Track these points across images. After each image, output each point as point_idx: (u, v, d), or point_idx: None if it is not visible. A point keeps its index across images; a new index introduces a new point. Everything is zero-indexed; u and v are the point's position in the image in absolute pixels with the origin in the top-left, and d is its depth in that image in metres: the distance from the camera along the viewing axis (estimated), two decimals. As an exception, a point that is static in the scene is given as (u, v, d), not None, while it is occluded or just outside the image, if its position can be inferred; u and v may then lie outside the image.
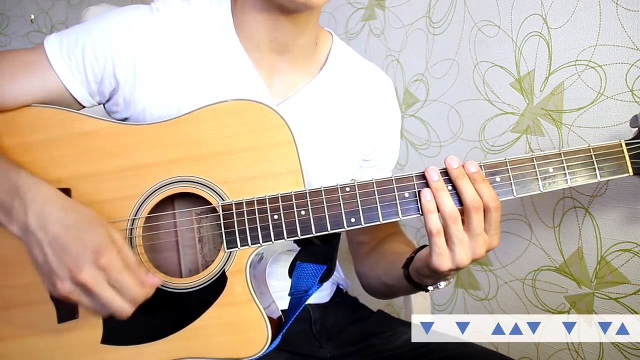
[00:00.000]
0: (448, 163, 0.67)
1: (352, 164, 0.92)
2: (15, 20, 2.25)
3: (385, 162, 0.98)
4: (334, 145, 0.88)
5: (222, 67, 0.80)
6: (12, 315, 0.70)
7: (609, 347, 0.95)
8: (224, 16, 0.81)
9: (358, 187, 0.69)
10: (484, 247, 0.67)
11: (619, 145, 0.69)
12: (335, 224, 0.69)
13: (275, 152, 0.71)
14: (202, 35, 0.80)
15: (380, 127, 0.93)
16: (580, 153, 0.68)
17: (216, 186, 0.71)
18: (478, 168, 0.67)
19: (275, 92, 0.83)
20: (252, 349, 0.68)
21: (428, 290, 0.78)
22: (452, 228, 0.66)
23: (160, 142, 0.72)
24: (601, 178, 0.68)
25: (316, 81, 0.86)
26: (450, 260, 0.67)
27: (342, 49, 0.91)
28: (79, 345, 0.69)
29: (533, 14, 1.02)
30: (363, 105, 0.90)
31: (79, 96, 0.78)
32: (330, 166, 0.88)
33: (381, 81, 0.95)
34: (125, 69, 0.77)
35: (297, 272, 0.75)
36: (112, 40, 0.76)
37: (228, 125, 0.72)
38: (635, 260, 0.90)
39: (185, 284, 0.70)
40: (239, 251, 0.70)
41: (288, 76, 0.84)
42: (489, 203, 0.66)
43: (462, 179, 0.67)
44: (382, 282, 0.90)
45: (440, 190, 0.67)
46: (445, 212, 0.66)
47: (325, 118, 0.87)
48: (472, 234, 0.66)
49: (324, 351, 0.87)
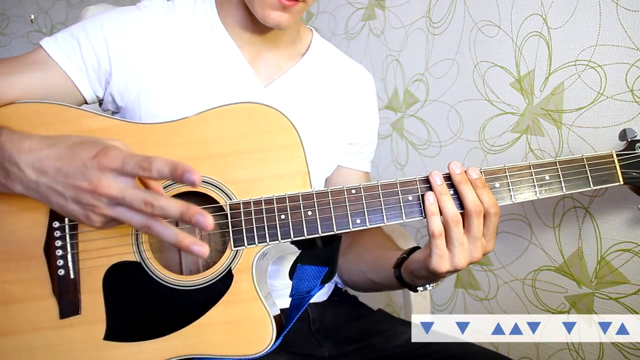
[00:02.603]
0: (451, 169, 0.70)
1: (338, 147, 0.95)
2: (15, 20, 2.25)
3: (369, 150, 1.02)
4: (321, 127, 0.91)
5: (209, 52, 0.85)
6: (13, 310, 0.70)
7: (609, 347, 0.95)
8: (209, 6, 0.88)
9: (364, 189, 0.71)
10: (481, 250, 0.70)
11: (611, 156, 0.74)
12: (342, 225, 0.70)
13: (282, 154, 0.72)
14: (188, 24, 0.85)
15: (361, 112, 0.98)
16: (574, 162, 0.73)
17: (224, 186, 0.71)
18: (480, 174, 0.70)
19: (261, 74, 0.87)
20: (257, 347, 0.69)
21: (417, 291, 0.80)
22: (454, 231, 0.68)
23: (168, 141, 0.73)
24: (594, 186, 0.73)
25: (301, 64, 0.91)
26: (449, 262, 0.69)
27: (323, 42, 0.98)
28: (81, 342, 0.69)
29: (533, 14, 1.02)
30: (345, 91, 0.95)
31: (79, 85, 0.79)
32: (318, 148, 0.90)
33: (362, 73, 1.01)
34: (119, 55, 0.80)
35: (298, 274, 0.75)
36: (104, 29, 0.80)
37: (236, 127, 0.73)
38: (635, 260, 0.90)
39: (191, 281, 0.70)
40: (245, 250, 0.70)
41: (272, 57, 0.89)
42: (489, 208, 0.69)
43: (465, 184, 0.69)
44: (368, 279, 0.91)
45: (443, 194, 0.69)
46: (448, 216, 0.68)
47: (311, 100, 0.91)
48: (471, 238, 0.69)
49: (322, 350, 0.87)
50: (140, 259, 0.70)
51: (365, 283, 0.93)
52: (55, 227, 0.70)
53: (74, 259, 0.70)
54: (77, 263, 0.70)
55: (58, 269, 0.70)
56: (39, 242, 0.70)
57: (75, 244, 0.71)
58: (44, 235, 0.70)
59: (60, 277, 0.70)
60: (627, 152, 0.74)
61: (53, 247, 0.70)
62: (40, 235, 0.70)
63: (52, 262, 0.70)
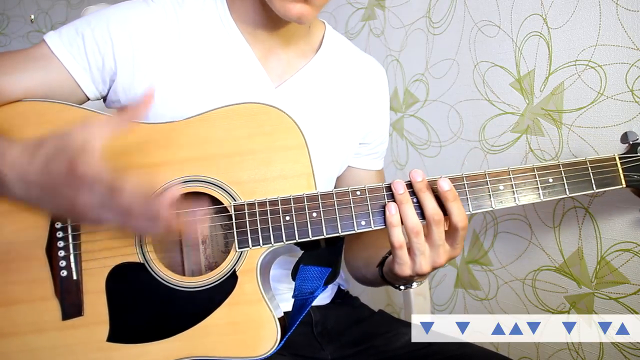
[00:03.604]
0: (412, 176, 0.69)
1: (349, 146, 0.94)
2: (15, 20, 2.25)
3: (381, 149, 1.01)
4: (332, 127, 0.89)
5: (219, 50, 0.82)
6: (15, 311, 0.69)
7: (609, 347, 0.95)
8: (219, 1, 0.84)
9: (368, 190, 0.70)
10: (445, 256, 0.69)
11: (614, 159, 0.74)
12: (346, 227, 0.70)
13: (287, 155, 0.72)
14: (198, 20, 0.82)
15: (374, 110, 0.96)
16: (577, 165, 0.73)
17: (228, 187, 0.71)
18: (450, 186, 0.68)
19: (272, 73, 0.85)
20: (262, 349, 0.68)
21: (401, 289, 0.80)
22: (414, 241, 0.68)
23: (172, 142, 0.72)
24: (597, 189, 0.73)
25: (313, 63, 0.88)
26: (411, 268, 0.69)
27: (335, 35, 0.94)
28: (84, 343, 0.68)
29: (533, 14, 1.02)
30: (358, 88, 0.93)
31: (82, 84, 0.78)
32: (330, 149, 0.89)
33: (375, 67, 0.98)
34: (124, 54, 0.78)
35: (301, 275, 0.75)
36: (110, 26, 0.78)
37: (240, 127, 0.72)
38: (635, 260, 0.90)
39: (195, 283, 0.70)
40: (250, 251, 0.70)
41: (283, 56, 0.86)
42: (458, 223, 0.67)
43: (424, 192, 0.68)
44: (362, 275, 0.92)
45: (404, 203, 0.68)
46: (408, 226, 0.68)
47: (323, 100, 0.88)
48: (433, 245, 0.68)
49: (325, 353, 0.87)
50: (144, 260, 0.70)
51: (362, 279, 0.94)
52: (58, 228, 0.70)
53: (76, 260, 0.70)
54: (80, 264, 0.70)
55: (60, 270, 0.70)
56: (40, 243, 0.70)
57: (77, 244, 0.70)
58: (46, 235, 0.70)
59: (62, 278, 0.69)
60: (629, 155, 0.74)
61: (55, 248, 0.70)
62: (41, 235, 0.70)
63: (54, 263, 0.70)
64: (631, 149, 0.76)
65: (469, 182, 0.71)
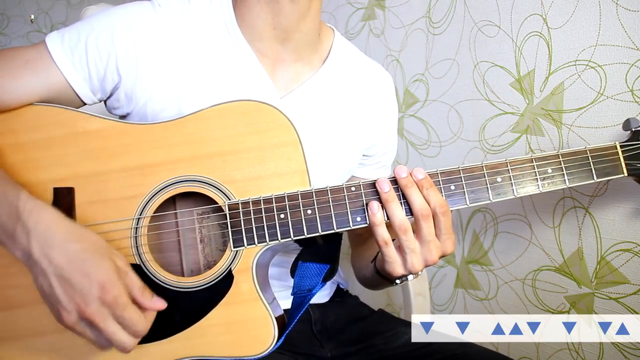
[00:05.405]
0: (397, 173, 0.68)
1: (353, 158, 0.93)
2: (15, 20, 2.25)
3: (386, 158, 0.99)
4: (336, 139, 0.88)
5: (224, 59, 0.81)
6: (15, 315, 0.70)
7: (609, 347, 0.95)
8: (226, 9, 0.82)
9: (363, 186, 0.70)
10: (437, 252, 0.68)
11: (614, 147, 0.72)
12: (342, 223, 0.69)
13: (281, 152, 0.71)
14: (204, 28, 0.80)
15: (379, 122, 0.94)
16: (577, 154, 0.71)
17: (222, 185, 0.71)
18: (425, 175, 0.68)
19: (279, 84, 0.83)
20: (259, 348, 0.68)
21: (397, 283, 0.78)
22: (402, 239, 0.67)
23: (165, 142, 0.72)
24: (597, 179, 0.71)
25: (320, 74, 0.87)
26: (403, 267, 0.68)
27: (344, 43, 0.92)
28: (83, 345, 0.68)
29: (533, 14, 1.02)
30: (364, 99, 0.91)
31: (81, 93, 0.77)
32: (332, 159, 0.88)
33: (382, 77, 0.96)
34: (128, 64, 0.77)
35: (300, 272, 0.75)
36: (114, 35, 0.76)
37: (234, 125, 0.72)
38: (635, 260, 0.90)
39: (191, 283, 0.70)
40: (245, 250, 0.70)
41: (291, 67, 0.84)
42: (437, 209, 0.66)
43: (411, 187, 0.67)
44: (363, 275, 0.91)
45: (390, 201, 0.67)
46: (395, 224, 0.67)
47: (328, 111, 0.87)
48: (423, 242, 0.67)
49: (324, 351, 0.87)
50: (140, 262, 0.70)
51: (364, 280, 0.93)
52: None
53: None
54: None
55: None
56: None
57: None
58: None
59: None
60: (632, 143, 0.72)
61: None
62: None
63: None
64: (633, 136, 0.73)
65: (465, 175, 0.69)
